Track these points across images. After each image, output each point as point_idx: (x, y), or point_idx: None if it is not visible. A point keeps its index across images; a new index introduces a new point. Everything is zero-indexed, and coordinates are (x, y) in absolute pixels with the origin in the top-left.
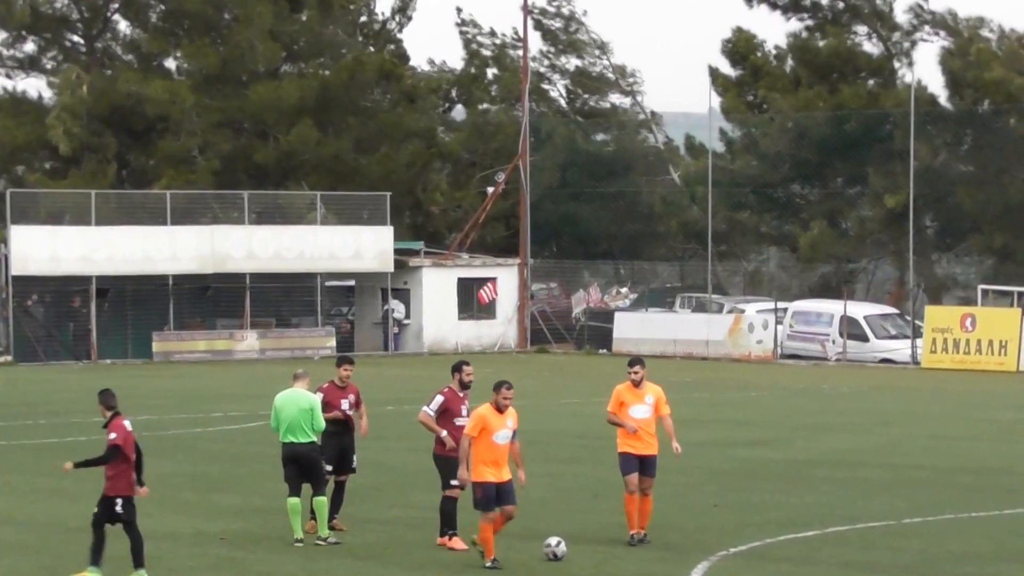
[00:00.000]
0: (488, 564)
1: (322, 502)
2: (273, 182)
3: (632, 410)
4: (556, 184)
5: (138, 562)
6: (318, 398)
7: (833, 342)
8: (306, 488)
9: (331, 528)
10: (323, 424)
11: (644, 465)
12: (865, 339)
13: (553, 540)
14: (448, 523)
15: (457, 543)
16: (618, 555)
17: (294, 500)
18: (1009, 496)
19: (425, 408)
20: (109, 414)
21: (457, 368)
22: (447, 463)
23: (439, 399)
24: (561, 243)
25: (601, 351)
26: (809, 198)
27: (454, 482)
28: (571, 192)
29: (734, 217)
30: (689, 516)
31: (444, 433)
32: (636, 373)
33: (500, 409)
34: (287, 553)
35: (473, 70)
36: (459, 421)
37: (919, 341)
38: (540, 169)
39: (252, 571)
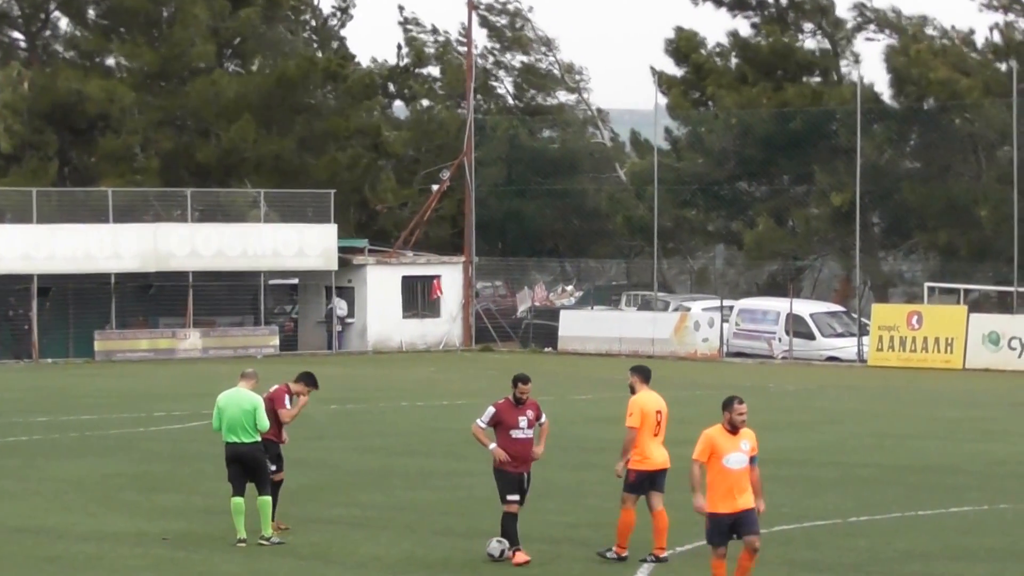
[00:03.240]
0: None
1: (266, 502)
2: (216, 180)
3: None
4: (501, 181)
5: None
6: (260, 398)
7: (779, 340)
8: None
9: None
10: (267, 424)
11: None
12: (811, 337)
13: (496, 545)
14: (511, 540)
15: (519, 556)
16: (563, 554)
17: (237, 500)
18: (955, 494)
19: (477, 421)
20: None
21: (513, 383)
22: (503, 476)
23: (491, 411)
24: (506, 241)
25: (546, 349)
26: (755, 195)
27: (509, 498)
28: (517, 189)
29: (680, 215)
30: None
31: (492, 446)
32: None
33: (733, 429)
34: (229, 553)
35: (407, 61)
36: (515, 433)
37: (865, 339)
38: (485, 166)
39: (194, 571)
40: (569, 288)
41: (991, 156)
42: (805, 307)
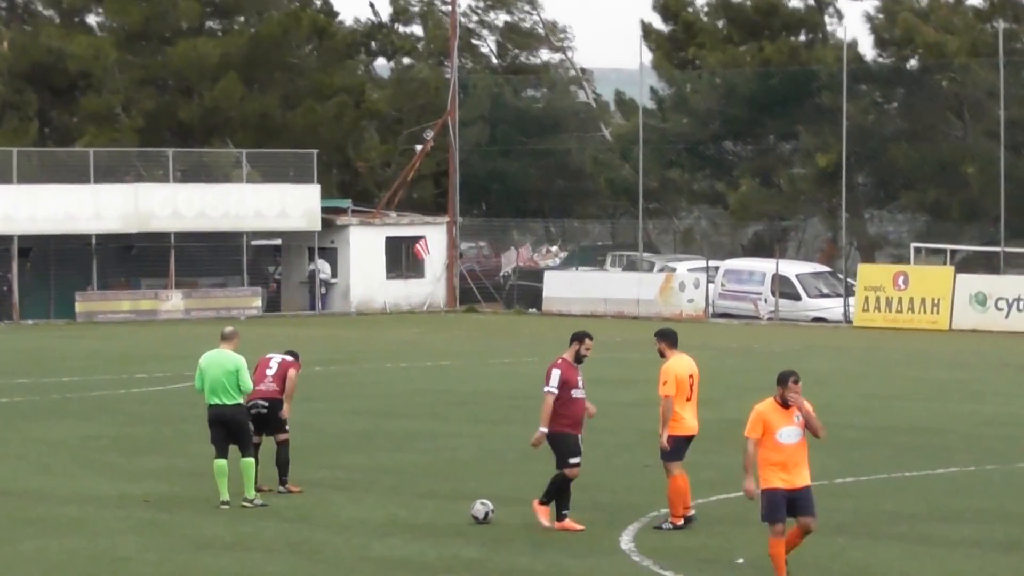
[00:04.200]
0: None
1: (249, 464)
2: (198, 140)
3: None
4: (485, 141)
5: None
6: (243, 360)
7: (765, 301)
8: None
9: (286, 490)
10: (250, 385)
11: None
12: (797, 298)
13: (481, 507)
14: (563, 503)
15: (570, 524)
16: None
17: (220, 462)
18: (942, 455)
19: (548, 388)
20: None
21: (579, 338)
22: (564, 439)
23: (556, 373)
24: (490, 201)
25: (531, 310)
26: (740, 156)
27: (572, 461)
28: (500, 149)
29: (665, 175)
30: (620, 477)
31: (543, 430)
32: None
33: (785, 404)
34: (213, 515)
35: (388, 19)
36: (576, 393)
37: (852, 299)
38: (468, 126)
39: (177, 534)
40: (553, 249)
41: (977, 116)
42: (791, 268)
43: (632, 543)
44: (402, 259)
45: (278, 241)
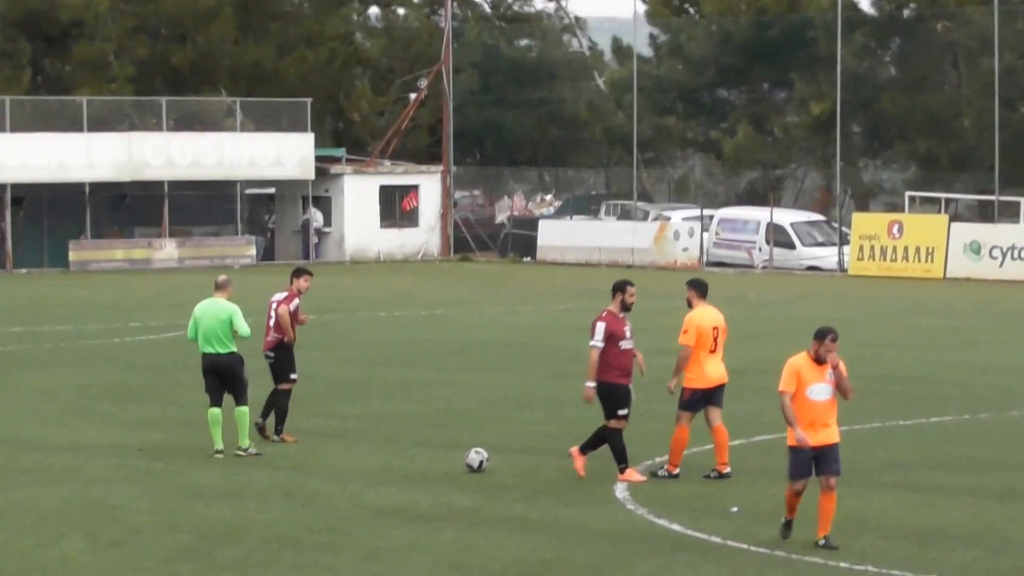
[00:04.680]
0: (783, 520)
1: (243, 412)
2: (190, 88)
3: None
4: (478, 90)
5: None
6: (236, 307)
7: (759, 249)
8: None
9: (280, 439)
10: (246, 330)
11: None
12: (792, 246)
13: (475, 456)
14: (620, 457)
15: (632, 475)
16: (541, 465)
17: (214, 411)
18: (936, 404)
19: (595, 342)
20: None
21: (620, 288)
22: (614, 390)
23: (602, 327)
24: (484, 150)
25: (525, 259)
26: (735, 104)
27: (620, 412)
28: (494, 99)
29: (660, 123)
30: None
31: (590, 384)
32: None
33: (819, 360)
34: (207, 464)
35: None
36: (624, 344)
37: (846, 248)
38: (462, 75)
39: (171, 483)
40: (548, 198)
41: (972, 64)
42: (785, 216)
43: (627, 492)
44: (396, 208)
45: (272, 190)
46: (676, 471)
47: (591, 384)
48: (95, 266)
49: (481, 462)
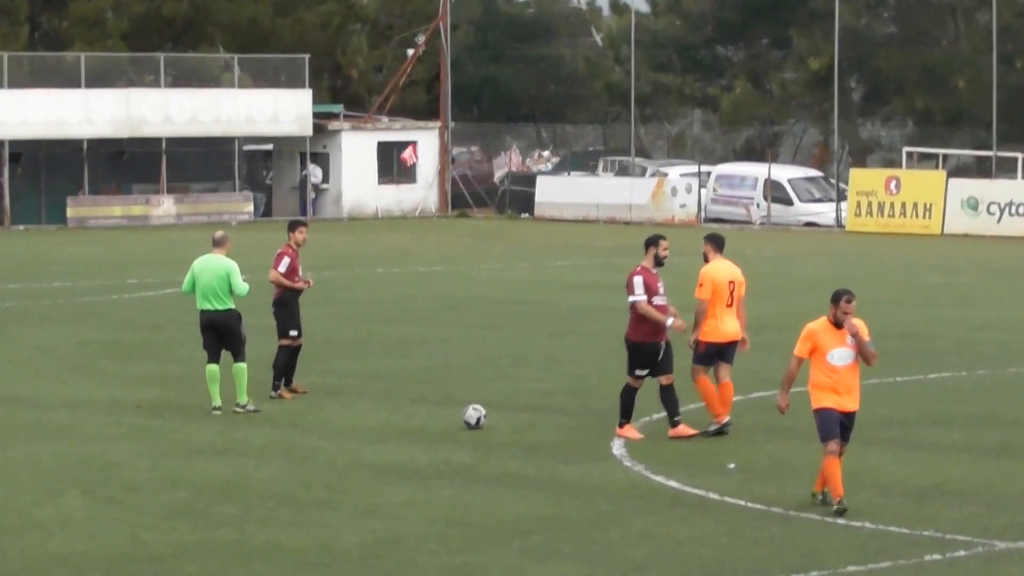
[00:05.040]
0: (836, 506)
1: (241, 369)
2: (187, 44)
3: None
4: (476, 46)
5: None
6: (234, 264)
7: (757, 206)
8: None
9: (278, 396)
10: (243, 288)
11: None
12: (789, 203)
13: (472, 413)
14: (625, 412)
15: (630, 432)
16: (538, 422)
17: (212, 367)
18: (933, 360)
19: (634, 298)
20: None
21: (653, 242)
22: (640, 348)
23: (639, 280)
24: (482, 106)
25: (523, 215)
26: (732, 59)
27: (638, 372)
28: (492, 54)
29: (657, 79)
30: (611, 382)
31: (670, 321)
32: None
33: (838, 324)
34: (204, 421)
35: None
36: (657, 300)
37: (843, 204)
38: (459, 31)
39: (168, 439)
40: (545, 154)
41: (970, 21)
42: (783, 172)
43: (623, 448)
44: (394, 164)
45: (270, 146)
46: (726, 419)
47: (670, 321)
48: (93, 223)
49: (478, 419)
